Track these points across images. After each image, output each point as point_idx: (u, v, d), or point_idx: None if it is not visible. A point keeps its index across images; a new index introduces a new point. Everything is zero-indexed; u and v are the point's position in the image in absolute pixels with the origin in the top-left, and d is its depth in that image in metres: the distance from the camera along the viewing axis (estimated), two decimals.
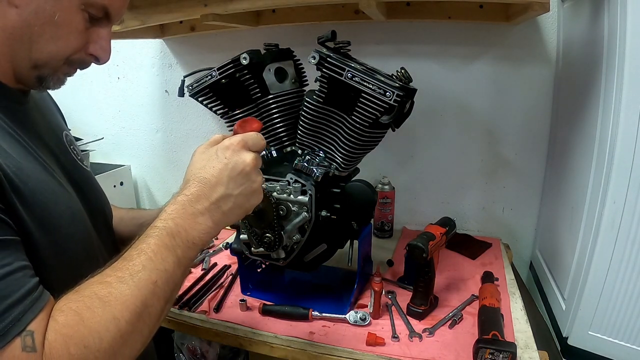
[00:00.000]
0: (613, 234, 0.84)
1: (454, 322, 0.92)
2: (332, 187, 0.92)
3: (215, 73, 0.96)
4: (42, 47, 0.52)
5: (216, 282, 1.10)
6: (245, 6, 1.05)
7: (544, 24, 1.19)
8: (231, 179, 0.55)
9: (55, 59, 0.54)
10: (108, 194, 0.80)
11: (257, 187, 0.58)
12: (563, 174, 1.14)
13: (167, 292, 0.49)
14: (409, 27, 1.28)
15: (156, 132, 1.70)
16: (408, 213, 1.45)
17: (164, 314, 0.49)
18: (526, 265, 1.41)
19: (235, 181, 0.55)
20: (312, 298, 1.02)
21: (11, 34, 0.50)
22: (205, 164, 0.55)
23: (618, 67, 0.80)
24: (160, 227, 0.50)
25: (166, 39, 1.54)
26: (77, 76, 0.63)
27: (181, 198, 0.53)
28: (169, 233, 0.50)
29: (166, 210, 0.52)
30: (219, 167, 0.54)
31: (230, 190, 0.54)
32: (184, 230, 0.51)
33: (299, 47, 1.04)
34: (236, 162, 0.55)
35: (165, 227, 0.50)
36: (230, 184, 0.54)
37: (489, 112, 1.30)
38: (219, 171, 0.54)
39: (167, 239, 0.50)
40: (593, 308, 0.90)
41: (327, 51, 0.86)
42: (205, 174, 0.54)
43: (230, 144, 0.57)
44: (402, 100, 0.82)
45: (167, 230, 0.50)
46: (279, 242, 0.88)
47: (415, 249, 0.90)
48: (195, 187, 0.53)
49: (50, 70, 0.55)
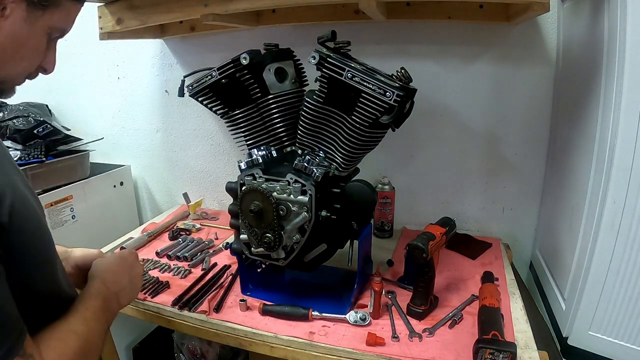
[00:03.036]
0: (613, 234, 0.84)
1: (454, 322, 0.92)
2: (332, 187, 0.92)
3: (215, 73, 0.96)
4: (11, 68, 0.56)
5: (216, 282, 1.10)
6: (245, 6, 1.05)
7: (544, 24, 1.19)
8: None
9: (20, 76, 0.59)
10: (108, 194, 0.81)
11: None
12: (563, 174, 1.14)
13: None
14: (409, 27, 1.28)
15: (156, 132, 1.70)
16: (408, 213, 1.45)
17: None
18: (526, 265, 1.41)
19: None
20: (312, 298, 1.02)
21: None
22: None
23: (618, 67, 0.80)
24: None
25: (166, 39, 1.54)
26: (77, 76, 0.65)
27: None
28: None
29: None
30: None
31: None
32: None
33: (299, 47, 1.04)
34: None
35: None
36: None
37: (489, 112, 1.30)
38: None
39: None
40: (593, 308, 0.90)
41: (327, 51, 0.86)
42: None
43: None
44: (402, 100, 0.82)
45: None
46: (279, 242, 0.88)
47: (415, 249, 0.90)
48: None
49: (11, 85, 0.59)
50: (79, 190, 1.46)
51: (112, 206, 1.62)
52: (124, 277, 0.76)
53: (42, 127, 1.39)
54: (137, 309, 1.04)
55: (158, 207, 1.83)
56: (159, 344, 1.52)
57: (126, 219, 1.72)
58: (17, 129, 1.37)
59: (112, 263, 0.76)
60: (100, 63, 1.67)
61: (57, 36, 0.61)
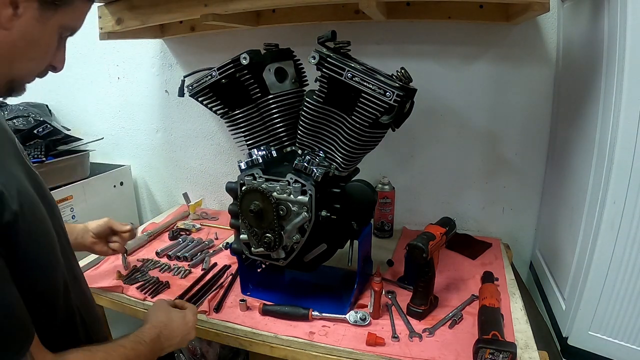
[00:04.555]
0: (613, 234, 0.84)
1: (454, 322, 0.92)
2: (332, 187, 0.92)
3: (215, 73, 0.96)
4: (22, 66, 0.57)
5: (216, 282, 1.10)
6: (245, 6, 1.05)
7: (544, 24, 1.19)
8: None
9: (31, 74, 0.60)
10: (108, 194, 0.81)
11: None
12: (563, 174, 1.14)
13: None
14: (409, 27, 1.28)
15: (156, 132, 1.70)
16: (408, 213, 1.45)
17: None
18: (526, 265, 1.41)
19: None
20: (312, 298, 1.02)
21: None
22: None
23: (618, 67, 0.80)
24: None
25: (166, 39, 1.54)
26: (77, 76, 0.65)
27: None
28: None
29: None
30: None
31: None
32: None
33: (299, 47, 1.04)
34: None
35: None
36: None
37: (489, 112, 1.30)
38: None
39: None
40: (593, 308, 0.90)
41: (327, 51, 0.86)
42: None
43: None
44: (402, 100, 0.82)
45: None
46: (279, 242, 0.88)
47: (415, 249, 0.90)
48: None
49: (22, 83, 0.60)
50: (79, 190, 1.46)
51: (112, 206, 1.62)
52: (179, 336, 0.79)
53: (42, 127, 1.39)
54: (137, 309, 1.04)
55: (158, 207, 1.83)
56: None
57: (126, 219, 1.70)
58: (17, 129, 1.37)
59: (173, 320, 0.80)
60: (100, 63, 1.67)
61: (67, 35, 0.61)
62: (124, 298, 1.06)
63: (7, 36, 0.52)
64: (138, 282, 1.10)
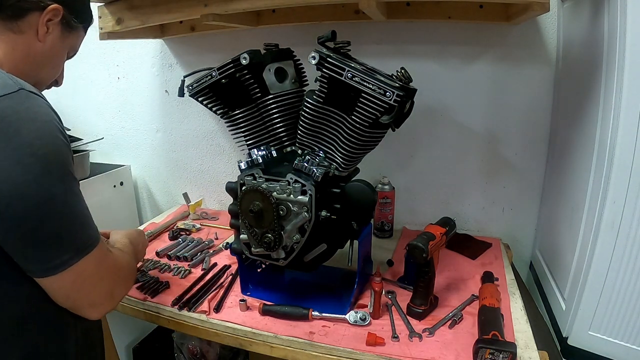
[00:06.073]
0: (613, 234, 0.84)
1: (454, 322, 0.92)
2: (332, 187, 0.92)
3: (215, 73, 0.96)
4: (46, 72, 0.75)
5: (216, 282, 1.10)
6: (245, 6, 1.05)
7: (544, 24, 1.19)
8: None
9: (49, 80, 0.78)
10: (108, 194, 0.86)
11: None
12: (563, 174, 1.14)
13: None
14: (409, 27, 1.28)
15: (156, 132, 1.70)
16: (408, 213, 1.45)
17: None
18: (526, 265, 1.41)
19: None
20: (312, 298, 1.02)
21: (32, 59, 0.70)
22: None
23: (618, 67, 0.80)
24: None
25: (166, 39, 1.54)
26: (77, 76, 0.70)
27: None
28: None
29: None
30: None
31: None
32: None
33: (299, 47, 1.04)
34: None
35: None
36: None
37: (489, 112, 1.30)
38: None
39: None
40: (593, 308, 0.90)
41: (327, 51, 0.86)
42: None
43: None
44: (402, 100, 0.82)
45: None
46: (279, 242, 0.88)
47: (415, 249, 0.90)
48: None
49: (42, 87, 0.76)
50: None
51: (112, 206, 1.62)
52: (140, 243, 0.97)
53: None
54: (137, 309, 1.04)
55: (158, 207, 1.83)
56: (159, 344, 1.52)
57: (126, 219, 1.72)
58: None
59: (130, 232, 0.97)
60: (100, 63, 1.67)
61: (71, 55, 0.80)
62: (124, 298, 1.05)
63: (42, 47, 0.70)
64: (138, 282, 1.09)
